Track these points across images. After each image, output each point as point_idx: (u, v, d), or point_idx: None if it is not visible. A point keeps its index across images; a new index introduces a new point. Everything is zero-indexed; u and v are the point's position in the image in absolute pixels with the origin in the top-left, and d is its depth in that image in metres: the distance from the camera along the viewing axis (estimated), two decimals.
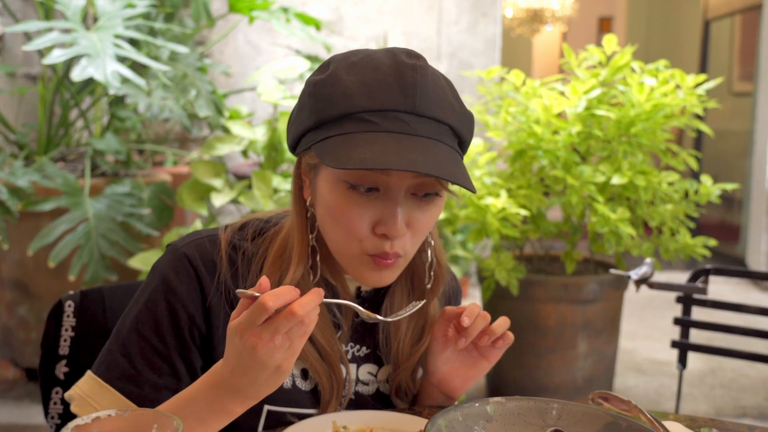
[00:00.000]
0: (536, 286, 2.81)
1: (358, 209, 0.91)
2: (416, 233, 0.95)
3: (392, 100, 0.88)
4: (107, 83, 2.23)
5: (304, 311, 0.77)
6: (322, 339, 1.01)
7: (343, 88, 0.89)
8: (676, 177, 2.70)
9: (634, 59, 2.72)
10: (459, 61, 4.71)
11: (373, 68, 0.90)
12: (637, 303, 4.27)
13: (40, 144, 3.06)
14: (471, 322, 0.99)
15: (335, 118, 0.90)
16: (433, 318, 1.10)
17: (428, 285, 1.06)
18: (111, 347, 0.98)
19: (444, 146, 0.90)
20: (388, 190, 0.91)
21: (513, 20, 7.29)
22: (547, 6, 7.19)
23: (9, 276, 3.03)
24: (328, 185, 0.93)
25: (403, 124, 0.88)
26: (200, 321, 0.98)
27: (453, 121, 0.92)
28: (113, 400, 0.95)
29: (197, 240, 1.01)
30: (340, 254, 0.98)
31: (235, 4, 3.17)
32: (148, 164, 4.04)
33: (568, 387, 2.85)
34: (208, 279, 0.98)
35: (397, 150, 0.86)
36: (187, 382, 0.97)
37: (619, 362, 3.57)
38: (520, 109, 2.72)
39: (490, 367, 1.10)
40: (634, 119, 2.61)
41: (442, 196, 0.96)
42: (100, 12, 2.54)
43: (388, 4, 4.66)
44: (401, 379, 1.09)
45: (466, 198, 2.70)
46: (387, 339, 1.08)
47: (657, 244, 2.80)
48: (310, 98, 0.93)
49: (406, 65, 0.89)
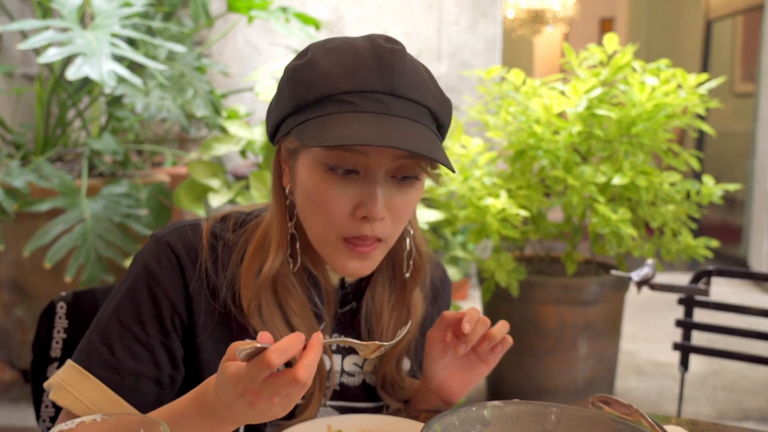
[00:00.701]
0: (537, 287, 2.78)
1: (337, 192, 0.91)
2: (396, 218, 0.95)
3: (371, 81, 0.89)
4: (103, 82, 2.21)
5: (307, 375, 0.74)
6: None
7: (322, 71, 0.90)
8: (677, 177, 2.67)
9: (635, 59, 2.70)
10: (459, 61, 4.69)
11: (352, 52, 0.91)
12: (639, 304, 4.24)
13: (37, 144, 3.04)
14: (471, 328, 0.97)
15: (314, 101, 0.90)
16: (416, 307, 1.10)
17: (407, 274, 1.06)
18: (91, 335, 0.97)
19: (422, 126, 0.91)
20: (367, 172, 0.91)
21: (514, 21, 7.27)
22: (549, 7, 7.17)
23: (6, 277, 3.01)
24: (307, 169, 0.93)
25: (381, 104, 0.89)
26: (182, 309, 0.98)
27: (431, 104, 0.93)
28: (93, 387, 0.94)
29: (179, 228, 1.01)
30: (318, 241, 0.97)
31: (233, 4, 3.15)
32: (146, 165, 4.02)
33: (568, 389, 2.82)
34: (190, 267, 0.98)
35: (375, 128, 0.86)
36: (168, 371, 0.98)
37: (620, 364, 3.54)
38: (520, 108, 2.69)
39: (489, 371, 1.08)
40: (635, 119, 2.59)
41: (421, 179, 0.96)
42: (97, 11, 2.52)
43: (388, 3, 4.64)
44: (386, 369, 1.08)
45: (466, 199, 2.68)
46: (369, 330, 1.08)
47: (658, 245, 2.78)
48: (288, 84, 0.93)
49: (385, 48, 0.90)
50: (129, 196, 2.81)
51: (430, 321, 1.16)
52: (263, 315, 0.99)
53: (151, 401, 0.97)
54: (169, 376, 0.98)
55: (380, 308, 1.07)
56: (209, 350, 0.99)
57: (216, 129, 2.93)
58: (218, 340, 1.00)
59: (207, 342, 0.99)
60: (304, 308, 1.01)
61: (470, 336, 0.98)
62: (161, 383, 0.97)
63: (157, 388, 0.97)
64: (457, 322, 1.00)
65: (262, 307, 0.99)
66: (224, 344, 0.98)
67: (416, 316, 1.10)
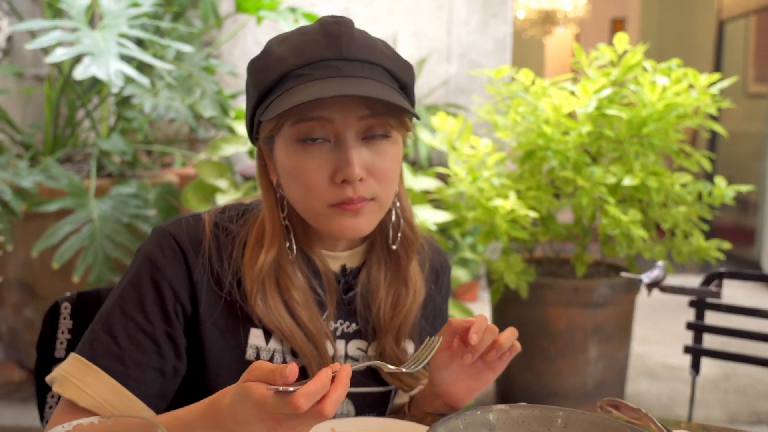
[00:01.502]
0: (546, 289, 2.76)
1: (313, 163, 0.95)
2: (381, 177, 0.97)
3: (320, 51, 0.93)
4: (110, 82, 2.20)
5: (333, 411, 0.75)
6: (308, 321, 1.01)
7: (277, 56, 0.96)
8: (689, 178, 2.64)
9: (647, 60, 2.67)
10: (469, 62, 4.67)
11: (301, 33, 0.96)
12: (650, 307, 4.21)
13: (46, 145, 3.04)
14: (479, 339, 0.96)
15: (273, 84, 0.95)
16: (414, 285, 1.10)
17: (394, 246, 1.07)
18: (94, 327, 0.97)
19: (377, 81, 0.94)
20: (337, 138, 0.95)
21: (525, 21, 7.24)
22: (559, 7, 7.14)
23: (15, 277, 3.01)
24: (283, 152, 0.97)
25: (334, 69, 0.93)
26: (185, 297, 0.98)
27: (386, 63, 0.96)
28: (97, 378, 0.93)
29: (181, 219, 1.03)
30: (310, 217, 0.99)
31: (242, 4, 3.15)
32: (156, 165, 4.03)
33: (578, 392, 2.80)
34: (193, 255, 0.99)
35: (328, 86, 0.91)
36: (172, 362, 0.98)
37: (631, 367, 3.51)
38: (530, 109, 2.67)
39: (495, 377, 1.07)
40: (645, 119, 2.56)
41: (393, 137, 0.98)
42: (105, 11, 2.52)
43: (398, 4, 4.63)
44: (385, 345, 1.08)
45: (475, 200, 2.66)
46: (367, 309, 1.08)
47: (670, 247, 2.75)
48: (250, 77, 0.99)
49: (330, 22, 0.95)
50: (137, 196, 2.80)
51: (431, 303, 1.16)
52: (267, 305, 1.00)
53: (155, 392, 0.97)
54: (172, 367, 0.98)
55: (376, 285, 1.08)
56: (214, 339, 1.00)
57: (224, 129, 2.92)
58: (223, 328, 1.00)
59: (211, 330, 1.00)
60: (307, 297, 1.03)
61: (478, 346, 0.97)
62: (165, 373, 0.97)
63: (161, 378, 0.97)
64: (464, 330, 0.98)
65: (266, 298, 1.00)
66: (229, 335, 1.00)
67: (417, 296, 1.11)
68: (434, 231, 2.80)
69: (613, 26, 9.96)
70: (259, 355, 1.01)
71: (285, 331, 1.00)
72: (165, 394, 0.99)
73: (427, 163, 4.06)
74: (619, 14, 9.83)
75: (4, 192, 2.52)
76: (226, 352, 1.00)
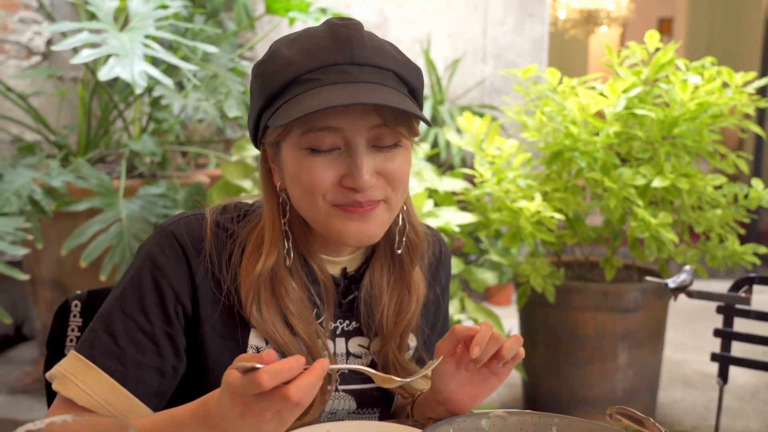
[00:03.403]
0: (574, 293, 2.70)
1: (321, 167, 0.93)
2: (392, 180, 0.96)
3: (330, 55, 0.91)
4: (134, 83, 2.23)
5: (299, 396, 0.73)
6: (304, 334, 1.00)
7: (285, 59, 0.93)
8: (723, 180, 2.55)
9: (695, 60, 2.58)
10: (505, 62, 4.61)
11: (310, 36, 0.94)
12: (688, 312, 4.09)
13: (79, 145, 3.10)
14: (481, 351, 0.94)
15: (282, 88, 0.93)
16: (416, 284, 1.09)
17: (399, 250, 1.06)
18: (94, 326, 0.98)
19: (388, 87, 0.92)
20: (348, 146, 0.93)
21: (566, 21, 7.13)
22: (602, 7, 7.01)
23: (48, 275, 3.07)
24: (290, 158, 0.95)
25: (345, 74, 0.91)
26: (186, 299, 0.98)
27: (396, 67, 0.94)
28: (96, 377, 0.94)
29: (184, 218, 1.02)
30: (314, 219, 0.97)
31: (271, 6, 3.16)
32: (190, 166, 4.07)
33: (607, 399, 2.73)
34: (195, 256, 0.98)
35: (341, 92, 0.88)
36: (171, 362, 0.97)
37: (665, 374, 3.42)
38: (557, 109, 2.62)
39: (500, 384, 1.04)
40: (677, 119, 2.48)
41: (404, 146, 0.97)
42: (134, 13, 2.55)
43: (433, 4, 4.60)
44: (388, 350, 1.07)
45: (500, 201, 2.62)
46: (369, 313, 1.07)
47: (704, 251, 2.66)
48: (256, 80, 0.96)
49: (339, 25, 0.93)
50: (165, 196, 2.83)
51: (432, 301, 1.16)
52: (262, 315, 0.99)
53: (153, 391, 0.97)
54: (171, 367, 0.98)
55: (379, 290, 1.07)
56: (214, 339, 0.99)
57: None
58: (222, 331, 1.00)
59: (211, 332, 0.99)
60: (303, 308, 1.01)
61: (481, 356, 0.95)
62: (164, 373, 0.97)
63: (160, 377, 0.97)
64: (468, 338, 0.96)
65: (261, 308, 0.99)
66: (228, 336, 1.00)
67: (420, 301, 1.10)
68: (459, 233, 2.76)
69: (660, 26, 9.76)
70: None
71: (279, 341, 0.99)
72: (164, 393, 0.99)
73: (459, 165, 4.02)
74: (666, 14, 9.63)
75: (35, 191, 2.57)
76: (226, 353, 0.99)
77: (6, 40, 3.59)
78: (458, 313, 2.57)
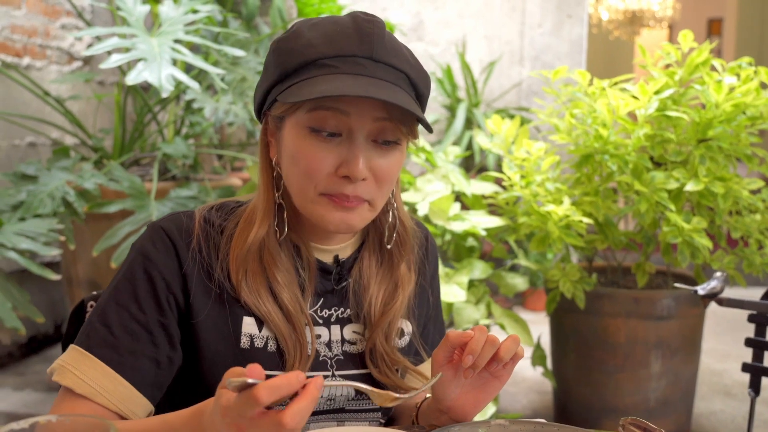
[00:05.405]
0: (605, 299, 2.63)
1: (320, 152, 0.95)
2: (380, 180, 0.98)
3: (351, 46, 0.94)
4: (161, 86, 2.26)
5: (295, 422, 0.71)
6: (288, 302, 1.03)
7: (305, 40, 0.96)
8: (760, 184, 2.46)
9: (745, 62, 2.49)
10: (542, 65, 4.55)
11: (333, 23, 0.97)
12: (731, 321, 3.97)
13: (114, 148, 3.16)
14: (475, 359, 0.93)
15: (298, 67, 0.96)
16: (403, 277, 1.11)
17: (388, 246, 1.09)
18: (91, 318, 1.00)
19: (399, 88, 0.95)
20: (349, 134, 0.96)
21: (610, 23, 7.02)
22: (647, 7, 6.88)
23: (84, 276, 3.13)
24: (292, 135, 0.97)
25: (361, 67, 0.94)
26: (177, 289, 1.00)
27: (409, 71, 0.98)
28: (92, 366, 0.96)
29: (173, 215, 1.05)
30: (300, 201, 1.00)
31: (302, 9, 3.18)
32: (226, 170, 4.11)
33: (639, 409, 2.66)
34: (184, 248, 1.01)
35: (354, 83, 0.91)
36: (166, 351, 0.99)
37: (705, 384, 3.32)
38: (587, 111, 2.56)
39: (501, 386, 1.03)
40: (711, 120, 2.41)
41: (401, 145, 1.00)
42: (164, 18, 2.59)
43: (469, 6, 4.56)
44: (375, 339, 1.08)
45: (528, 205, 2.57)
46: (358, 303, 1.09)
47: (741, 258, 2.57)
48: (273, 55, 0.99)
49: (363, 20, 0.96)
50: (196, 198, 2.86)
51: (418, 295, 1.16)
52: (249, 284, 1.02)
53: (150, 381, 0.98)
54: (166, 356, 1.00)
55: (368, 281, 1.09)
56: (208, 330, 1.01)
57: None
58: (215, 321, 1.01)
59: (205, 321, 1.01)
60: (290, 278, 1.04)
61: (477, 361, 0.94)
62: (159, 362, 0.99)
63: (156, 367, 0.99)
64: (462, 344, 0.95)
65: (248, 277, 1.02)
66: (221, 325, 1.02)
67: (405, 289, 1.12)
68: (488, 237, 2.72)
69: (710, 27, 9.55)
70: (253, 342, 1.02)
71: (263, 310, 1.01)
72: (160, 384, 1.01)
73: (493, 168, 3.97)
74: (715, 14, 9.40)
75: (68, 193, 2.63)
76: (221, 343, 1.01)
77: (48, 46, 3.68)
78: (485, 318, 2.53)
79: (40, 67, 3.62)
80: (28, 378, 3.31)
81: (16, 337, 3.49)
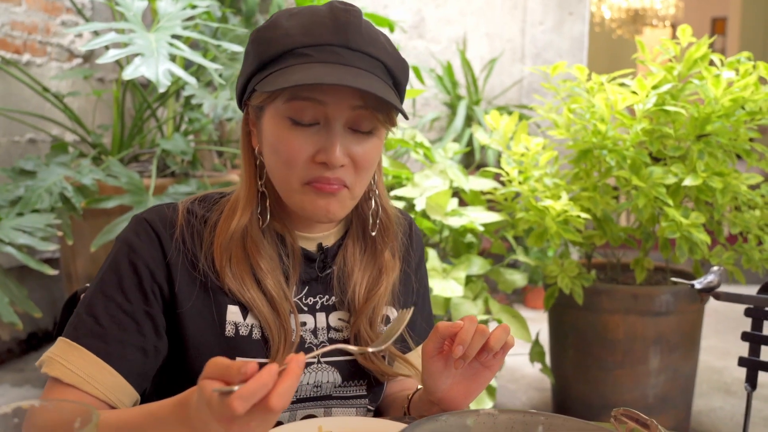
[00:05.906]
0: (603, 295, 2.63)
1: (299, 141, 0.97)
2: (359, 167, 0.99)
3: (326, 35, 0.96)
4: (157, 82, 2.26)
5: (282, 403, 0.71)
6: (272, 289, 1.03)
7: (283, 30, 0.97)
8: (759, 179, 2.45)
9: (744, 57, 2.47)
10: (543, 62, 4.54)
11: (311, 13, 0.97)
12: (733, 318, 3.95)
13: (113, 144, 3.16)
14: (465, 350, 0.93)
15: (275, 57, 0.97)
16: (387, 264, 1.12)
17: (373, 232, 1.10)
18: (78, 310, 1.01)
19: (375, 77, 0.96)
20: (327, 122, 0.97)
21: (612, 21, 7.00)
22: (649, 6, 6.86)
23: (83, 272, 3.13)
24: (271, 124, 0.99)
25: (337, 56, 0.95)
26: (161, 278, 1.01)
27: (385, 59, 0.99)
28: (80, 356, 0.97)
29: (157, 207, 1.06)
30: (283, 190, 1.01)
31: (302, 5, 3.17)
32: (226, 167, 4.11)
33: (638, 405, 2.64)
34: (168, 238, 1.02)
35: (330, 71, 0.93)
36: (152, 340, 1.00)
37: (705, 381, 3.31)
38: (585, 106, 2.55)
39: (492, 376, 1.03)
40: (709, 115, 2.39)
41: (378, 135, 1.01)
42: (162, 13, 2.59)
43: (471, 4, 4.56)
44: (360, 325, 1.09)
45: (526, 201, 2.57)
46: (342, 289, 1.10)
47: (740, 253, 2.56)
48: (252, 45, 1.00)
49: (340, 9, 0.97)
50: None
51: (402, 281, 1.16)
52: (233, 271, 1.02)
53: (137, 370, 0.99)
54: (153, 346, 1.00)
55: (351, 268, 1.10)
56: (192, 318, 1.02)
57: None
58: (200, 310, 1.02)
59: (190, 311, 1.02)
60: (273, 265, 1.05)
61: (468, 351, 0.94)
62: (146, 351, 0.99)
63: (143, 356, 0.99)
64: (452, 335, 0.95)
65: (232, 263, 1.03)
66: (207, 313, 1.02)
67: (389, 276, 1.13)
68: (486, 233, 2.72)
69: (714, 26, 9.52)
70: (238, 330, 1.02)
71: (247, 297, 1.02)
72: (147, 373, 1.01)
73: (492, 164, 3.97)
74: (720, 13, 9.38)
75: (66, 189, 2.63)
76: (206, 331, 1.02)
77: (48, 43, 3.68)
78: (482, 314, 2.53)
79: (40, 63, 3.62)
80: (27, 374, 3.31)
81: (15, 333, 3.49)
